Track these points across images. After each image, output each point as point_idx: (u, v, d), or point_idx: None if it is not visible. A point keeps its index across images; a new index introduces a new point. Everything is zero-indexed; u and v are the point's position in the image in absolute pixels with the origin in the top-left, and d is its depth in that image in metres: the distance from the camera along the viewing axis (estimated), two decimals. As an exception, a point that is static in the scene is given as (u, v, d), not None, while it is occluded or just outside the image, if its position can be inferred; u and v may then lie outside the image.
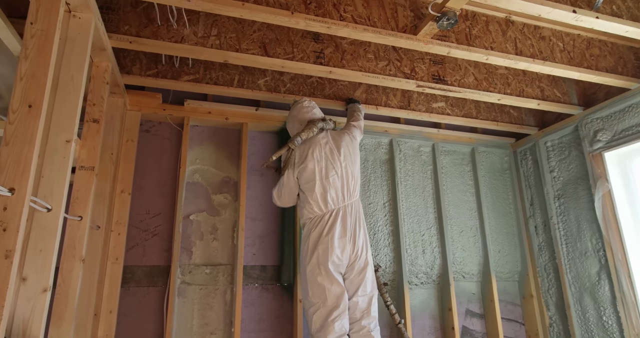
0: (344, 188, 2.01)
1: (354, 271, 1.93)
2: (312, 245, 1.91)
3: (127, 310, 2.16)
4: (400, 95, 2.75)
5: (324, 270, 1.85)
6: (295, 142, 2.05)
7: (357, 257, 1.94)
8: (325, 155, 2.04)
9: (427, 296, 2.76)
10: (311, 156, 2.02)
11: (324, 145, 2.08)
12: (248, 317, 2.35)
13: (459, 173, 3.08)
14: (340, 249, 1.90)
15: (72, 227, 1.64)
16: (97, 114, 1.81)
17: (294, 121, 2.19)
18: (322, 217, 1.96)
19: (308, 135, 2.08)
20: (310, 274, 1.87)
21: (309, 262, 1.88)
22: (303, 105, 2.20)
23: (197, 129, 2.59)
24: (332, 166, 2.02)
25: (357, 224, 1.99)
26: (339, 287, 1.86)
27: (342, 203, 1.99)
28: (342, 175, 2.02)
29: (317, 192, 1.96)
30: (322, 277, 1.84)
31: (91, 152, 1.75)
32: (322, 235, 1.90)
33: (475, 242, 2.95)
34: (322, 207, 1.97)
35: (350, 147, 2.14)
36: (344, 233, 1.93)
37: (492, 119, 2.93)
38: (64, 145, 1.39)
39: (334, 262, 1.87)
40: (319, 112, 2.24)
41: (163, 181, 2.43)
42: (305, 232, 2.01)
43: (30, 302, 1.22)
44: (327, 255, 1.86)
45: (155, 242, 2.31)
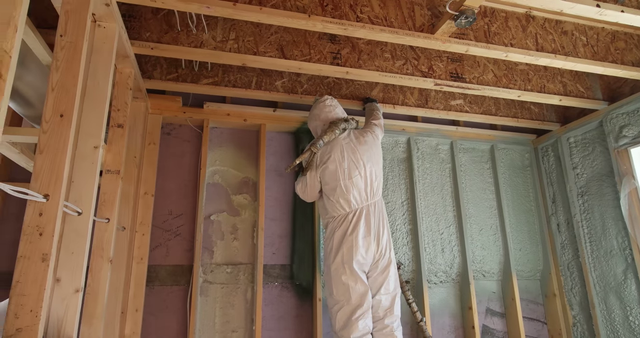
0: (367, 187, 2.02)
1: (378, 269, 1.94)
2: (336, 244, 1.93)
3: (152, 309, 2.23)
4: (418, 93, 2.73)
5: (348, 268, 1.87)
6: (317, 146, 2.06)
7: (381, 255, 1.95)
8: (347, 156, 2.05)
9: (446, 295, 2.75)
10: (333, 158, 2.03)
11: (346, 146, 2.08)
12: (268, 315, 2.40)
13: (478, 171, 3.05)
14: (364, 248, 1.91)
15: (100, 229, 1.70)
16: (121, 119, 1.86)
17: (316, 120, 2.20)
18: (346, 216, 1.97)
19: (330, 137, 2.08)
20: (334, 273, 1.89)
21: (334, 261, 1.90)
22: (325, 104, 2.20)
23: (216, 131, 2.63)
24: (355, 166, 2.02)
25: (381, 223, 2.00)
26: (363, 286, 1.87)
27: (365, 202, 2.00)
28: (365, 175, 2.03)
29: (340, 192, 1.97)
30: (347, 276, 1.86)
31: (116, 157, 1.81)
32: (347, 234, 1.92)
33: (495, 241, 2.92)
34: (345, 206, 1.98)
35: (373, 146, 2.14)
36: (368, 232, 1.95)
37: (512, 116, 2.87)
38: (92, 151, 1.44)
39: (359, 260, 1.89)
40: (341, 111, 2.24)
41: (184, 182, 2.48)
42: (328, 231, 2.03)
43: (64, 301, 1.28)
44: (351, 254, 1.87)
45: (177, 242, 2.37)
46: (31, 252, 1.06)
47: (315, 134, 2.21)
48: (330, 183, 2.00)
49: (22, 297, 1.02)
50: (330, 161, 2.02)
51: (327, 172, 2.01)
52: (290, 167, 2.07)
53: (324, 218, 2.09)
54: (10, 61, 0.83)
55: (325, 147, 2.08)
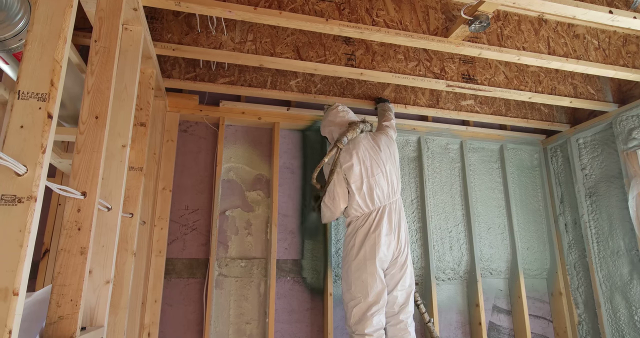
0: (389, 186, 2.08)
1: (396, 266, 2.01)
2: (359, 242, 1.99)
3: (170, 300, 2.32)
4: (429, 93, 2.77)
5: (370, 266, 1.93)
6: (342, 142, 2.10)
7: (400, 252, 2.02)
8: (369, 155, 2.10)
9: (454, 292, 2.81)
10: (356, 156, 2.08)
11: (367, 145, 2.14)
12: (281, 308, 2.47)
13: (487, 171, 3.09)
14: (386, 246, 1.98)
15: (125, 223, 1.78)
16: (144, 118, 1.93)
17: (331, 125, 2.26)
18: (369, 215, 2.03)
19: (353, 135, 2.14)
20: (355, 269, 1.96)
21: (355, 258, 1.97)
22: (338, 110, 2.28)
23: (231, 129, 2.70)
24: (377, 165, 2.08)
25: (400, 220, 2.07)
26: (381, 284, 1.94)
27: (387, 200, 2.06)
28: (386, 173, 2.09)
29: (364, 190, 2.03)
30: (367, 273, 1.93)
31: (139, 154, 1.88)
32: (370, 232, 1.98)
33: (503, 239, 2.97)
34: (369, 204, 2.04)
35: (390, 147, 2.20)
36: (390, 229, 2.01)
37: (522, 116, 2.91)
38: (120, 150, 1.52)
39: (381, 258, 1.96)
40: (354, 116, 2.32)
41: (200, 178, 2.56)
42: (350, 229, 2.09)
43: (95, 292, 1.36)
44: (374, 252, 1.94)
45: (194, 236, 2.45)
46: (71, 245, 1.14)
47: (332, 139, 2.27)
48: (355, 183, 2.05)
49: (63, 287, 1.10)
50: (354, 159, 2.07)
51: (351, 170, 2.06)
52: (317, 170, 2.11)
53: (347, 218, 2.14)
54: (61, 70, 0.90)
55: (347, 146, 2.12)
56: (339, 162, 2.08)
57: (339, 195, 2.07)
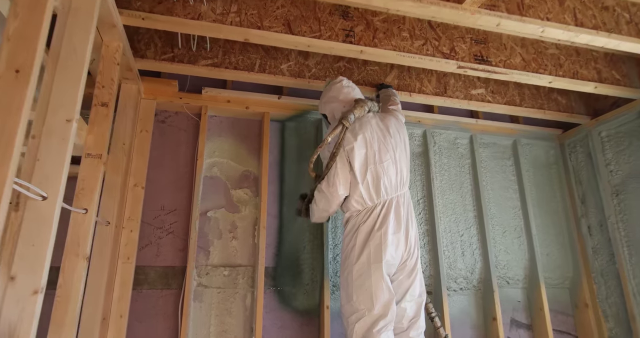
0: (398, 175, 1.76)
1: (405, 271, 1.68)
2: (360, 242, 1.66)
3: (139, 315, 1.98)
4: (436, 80, 2.50)
5: (375, 271, 1.60)
6: (349, 119, 1.76)
7: (409, 255, 1.70)
8: (377, 138, 1.78)
9: (467, 303, 2.48)
10: (363, 137, 1.75)
11: (375, 126, 1.82)
12: (270, 323, 2.14)
13: (499, 168, 2.80)
14: (394, 246, 1.65)
15: (76, 221, 1.46)
16: (106, 97, 1.64)
17: (333, 102, 1.93)
18: (373, 209, 1.70)
19: (360, 113, 1.81)
20: (357, 275, 1.62)
21: (357, 261, 1.63)
22: (342, 85, 1.95)
23: (215, 120, 2.41)
24: (385, 150, 1.76)
25: (410, 217, 1.75)
26: (389, 293, 1.60)
27: (395, 192, 1.74)
28: (396, 160, 1.77)
29: (369, 179, 1.70)
30: (372, 280, 1.59)
31: (99, 139, 1.58)
32: (374, 230, 1.65)
33: (520, 244, 2.66)
34: (374, 196, 1.71)
35: (401, 131, 1.89)
36: (399, 227, 1.68)
37: (539, 107, 2.64)
38: (63, 125, 1.21)
39: (388, 261, 1.63)
40: (360, 93, 1.99)
41: (179, 175, 2.25)
42: (350, 227, 1.75)
43: (18, 304, 1.04)
44: (380, 253, 1.61)
45: (170, 241, 2.13)
46: (-34, 238, 0.82)
47: (333, 119, 1.94)
48: (359, 169, 1.72)
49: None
50: (360, 142, 1.74)
51: (356, 154, 1.72)
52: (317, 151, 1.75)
53: (346, 213, 1.80)
54: None
55: (352, 126, 1.79)
56: (343, 143, 1.75)
57: (339, 180, 1.72)
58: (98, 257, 1.76)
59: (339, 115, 1.84)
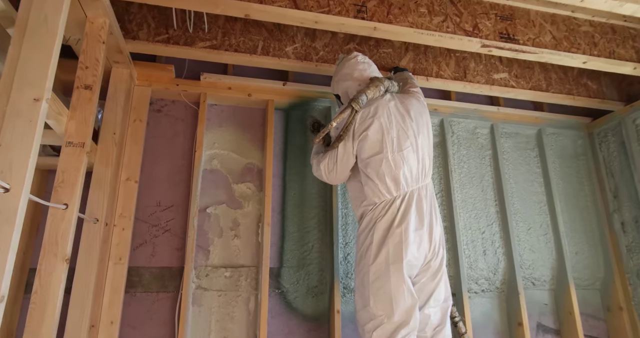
0: (420, 164, 1.56)
1: (428, 273, 1.48)
2: (378, 240, 1.46)
3: (132, 320, 1.81)
4: (455, 64, 2.29)
5: (395, 272, 1.40)
6: (359, 102, 1.53)
7: (434, 254, 1.50)
8: (396, 122, 1.57)
9: (489, 307, 2.28)
10: (379, 123, 1.54)
11: (394, 109, 1.60)
12: (276, 329, 1.96)
13: (523, 160, 2.58)
14: (416, 245, 1.45)
15: (55, 218, 1.29)
16: (89, 79, 1.46)
17: (346, 80, 1.71)
18: (392, 203, 1.50)
19: (374, 94, 1.59)
20: (374, 277, 1.42)
21: (374, 262, 1.44)
22: (357, 61, 1.73)
23: (215, 109, 2.22)
24: (405, 135, 1.55)
25: (433, 212, 1.56)
26: (411, 297, 1.40)
27: (416, 184, 1.53)
28: (417, 148, 1.57)
29: (386, 169, 1.50)
30: (391, 282, 1.39)
31: (81, 126, 1.41)
32: (393, 226, 1.45)
33: (546, 242, 2.45)
34: (392, 188, 1.50)
35: (423, 114, 1.68)
36: (421, 223, 1.49)
37: (567, 92, 2.42)
38: (30, 104, 1.04)
39: (410, 261, 1.43)
40: (377, 71, 1.78)
41: (176, 168, 2.07)
42: (365, 223, 1.55)
43: (-28, 316, 0.87)
44: (400, 253, 1.41)
45: (166, 239, 1.96)
46: None
47: (345, 98, 1.73)
48: (373, 158, 1.52)
49: None
50: (374, 127, 1.53)
51: (368, 141, 1.52)
52: (323, 133, 1.56)
53: (360, 207, 1.60)
54: None
55: (366, 108, 1.57)
56: (352, 128, 1.54)
57: (336, 170, 1.59)
58: (85, 257, 1.59)
59: (354, 93, 1.64)
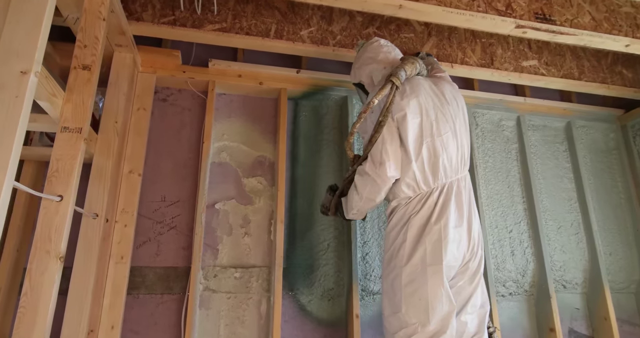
0: (459, 152, 1.40)
1: (466, 276, 1.33)
2: (413, 238, 1.30)
3: (136, 325, 1.67)
4: (481, 50, 2.13)
5: (433, 275, 1.24)
6: (399, 76, 1.35)
7: (472, 254, 1.34)
8: (434, 103, 1.40)
9: (517, 311, 2.12)
10: (416, 101, 1.37)
11: (429, 90, 1.44)
12: (289, 335, 1.81)
13: (551, 154, 2.42)
14: (455, 244, 1.29)
15: (48, 211, 1.15)
16: (88, 59, 1.32)
17: (371, 63, 1.55)
18: (429, 196, 1.33)
19: (412, 71, 1.42)
20: (408, 280, 1.26)
21: (407, 262, 1.28)
22: (380, 44, 1.58)
23: (224, 98, 2.08)
24: (444, 119, 1.39)
25: (472, 207, 1.40)
26: (449, 304, 1.25)
27: (455, 175, 1.37)
28: (456, 134, 1.41)
29: (424, 157, 1.33)
30: (428, 286, 1.23)
31: (78, 109, 1.27)
32: (431, 222, 1.29)
33: (578, 242, 2.28)
34: (429, 179, 1.34)
35: (458, 99, 1.52)
36: (460, 219, 1.33)
37: (601, 81, 2.25)
38: (16, 78, 0.90)
39: (449, 263, 1.27)
40: (401, 55, 1.61)
41: (183, 161, 1.94)
42: (397, 218, 1.38)
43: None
44: (440, 253, 1.25)
45: (172, 237, 1.82)
46: None
47: (371, 85, 1.57)
48: (410, 144, 1.34)
49: None
50: (412, 107, 1.35)
51: (406, 124, 1.34)
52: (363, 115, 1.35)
53: (392, 201, 1.42)
54: None
55: (402, 87, 1.39)
56: (392, 109, 1.36)
57: (389, 156, 1.33)
58: (83, 256, 1.45)
59: (379, 77, 1.49)
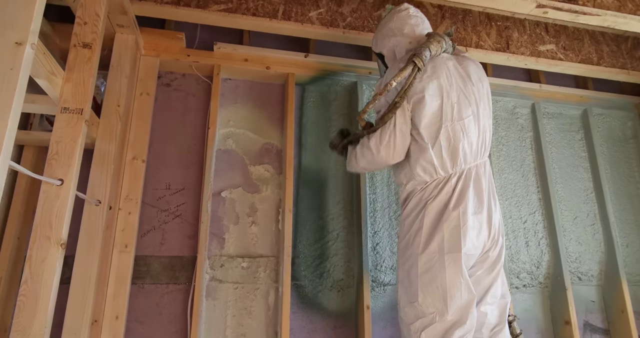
0: (480, 137, 1.33)
1: (485, 265, 1.27)
2: (430, 224, 1.24)
3: (141, 315, 1.62)
4: (496, 34, 2.05)
5: (451, 263, 1.18)
6: (423, 56, 1.27)
7: (493, 243, 1.28)
8: (457, 85, 1.32)
9: (531, 303, 2.06)
10: (437, 82, 1.30)
11: (453, 69, 1.36)
12: (298, 326, 1.77)
13: (567, 143, 2.34)
14: (475, 231, 1.23)
15: (48, 195, 1.10)
16: (89, 37, 1.26)
17: (394, 35, 1.44)
18: (447, 181, 1.27)
19: (437, 50, 1.33)
20: (425, 269, 1.21)
21: (424, 250, 1.22)
22: (409, 14, 1.47)
23: (230, 84, 2.02)
24: (467, 101, 1.31)
25: (492, 194, 1.33)
26: (469, 293, 1.19)
27: (475, 160, 1.31)
28: (478, 118, 1.33)
29: (442, 141, 1.27)
30: (446, 275, 1.17)
31: (79, 89, 1.21)
32: (449, 209, 1.23)
33: (594, 233, 2.21)
34: (447, 164, 1.28)
35: (483, 80, 1.43)
36: (480, 206, 1.26)
37: (620, 67, 2.17)
38: (11, 49, 0.84)
39: (468, 251, 1.21)
40: (430, 28, 1.52)
41: (187, 148, 1.88)
42: (413, 204, 1.31)
43: None
44: (458, 240, 1.19)
45: (177, 226, 1.76)
46: None
47: (393, 58, 1.47)
48: (429, 127, 1.27)
49: None
50: (432, 88, 1.28)
51: (425, 106, 1.27)
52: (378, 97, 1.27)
53: (407, 185, 1.36)
54: None
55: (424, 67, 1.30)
56: (409, 91, 1.28)
57: (394, 143, 1.28)
58: (86, 244, 1.41)
59: (403, 53, 1.41)
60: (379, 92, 1.29)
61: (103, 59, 1.65)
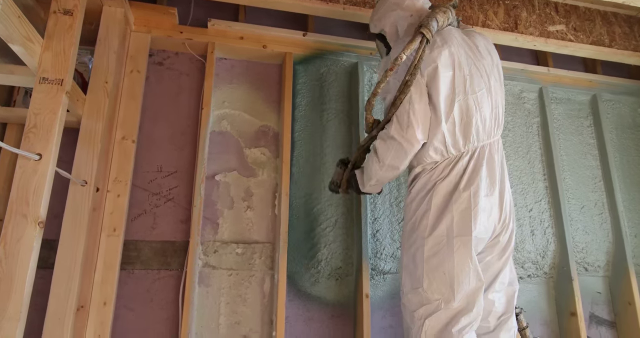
0: (493, 113, 1.24)
1: (495, 250, 1.20)
2: (438, 206, 1.16)
3: (130, 301, 1.56)
4: (504, 13, 1.96)
5: (460, 247, 1.10)
6: (431, 27, 1.17)
7: (503, 227, 1.21)
8: (467, 56, 1.24)
9: (536, 294, 2.00)
10: (448, 53, 1.20)
11: (462, 41, 1.27)
12: (294, 314, 1.70)
13: (575, 129, 2.26)
14: (486, 214, 1.15)
15: (25, 171, 1.03)
16: (70, 3, 1.18)
17: (394, 9, 1.35)
18: (458, 160, 1.19)
19: (443, 21, 1.24)
20: (431, 253, 1.13)
21: (431, 233, 1.14)
22: None
23: (225, 63, 1.93)
24: (479, 74, 1.22)
25: (504, 175, 1.26)
26: (477, 279, 1.11)
27: (488, 138, 1.23)
28: (491, 91, 1.24)
29: (456, 116, 1.17)
30: (454, 259, 1.09)
31: (59, 58, 1.13)
32: (459, 189, 1.15)
33: (601, 222, 2.14)
34: (459, 142, 1.19)
35: (493, 53, 1.34)
36: (492, 187, 1.18)
37: (633, 49, 2.07)
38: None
39: (479, 234, 1.13)
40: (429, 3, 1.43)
41: (180, 129, 1.80)
42: (420, 185, 1.23)
43: None
44: (469, 223, 1.11)
45: (169, 210, 1.69)
46: None
47: (394, 35, 1.38)
48: (440, 101, 1.18)
49: None
50: (444, 59, 1.18)
51: (437, 78, 1.17)
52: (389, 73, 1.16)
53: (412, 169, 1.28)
54: None
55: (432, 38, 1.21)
56: (420, 65, 1.19)
57: (418, 118, 1.15)
58: (71, 225, 1.34)
59: (405, 27, 1.32)
60: (389, 67, 1.19)
61: (91, 33, 1.57)
